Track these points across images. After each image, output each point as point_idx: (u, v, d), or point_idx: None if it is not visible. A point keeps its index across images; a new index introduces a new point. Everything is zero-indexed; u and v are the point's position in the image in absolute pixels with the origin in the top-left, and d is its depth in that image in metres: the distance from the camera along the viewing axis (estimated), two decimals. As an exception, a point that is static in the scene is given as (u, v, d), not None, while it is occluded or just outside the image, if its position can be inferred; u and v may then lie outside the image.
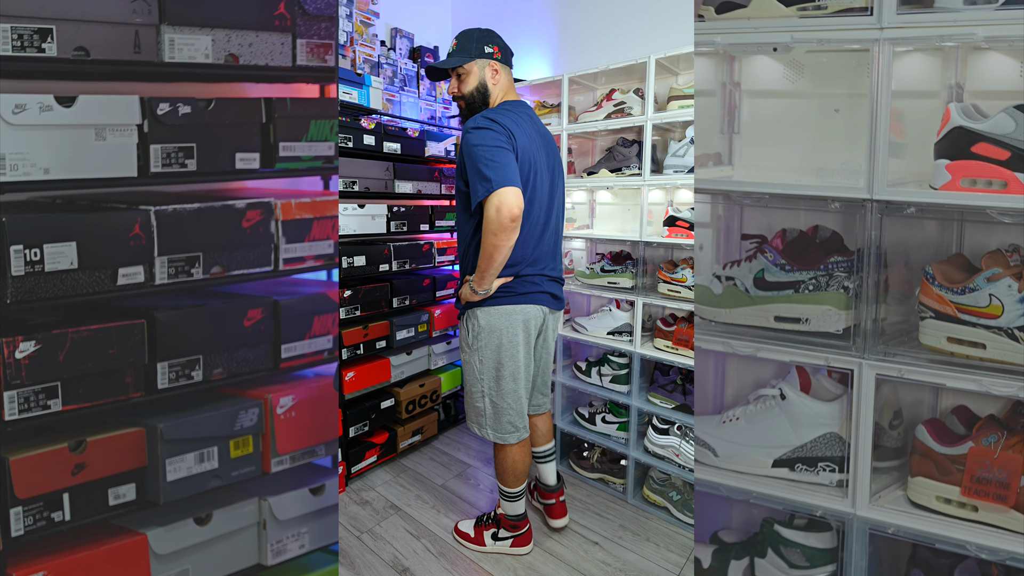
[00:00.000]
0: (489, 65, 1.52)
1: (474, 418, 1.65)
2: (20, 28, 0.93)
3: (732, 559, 1.24)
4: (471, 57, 1.50)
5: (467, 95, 1.54)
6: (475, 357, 1.57)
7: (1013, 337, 0.95)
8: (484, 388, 1.59)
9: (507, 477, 1.66)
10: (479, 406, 1.62)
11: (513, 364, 1.55)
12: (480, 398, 1.61)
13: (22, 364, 0.94)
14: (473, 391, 1.62)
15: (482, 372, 1.57)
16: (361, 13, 2.52)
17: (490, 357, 1.55)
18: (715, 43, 1.12)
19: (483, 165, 1.35)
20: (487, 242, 1.37)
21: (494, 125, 1.41)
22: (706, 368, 1.35)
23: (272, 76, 1.17)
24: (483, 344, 1.55)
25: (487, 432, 1.62)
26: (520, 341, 1.55)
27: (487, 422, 1.62)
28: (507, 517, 1.72)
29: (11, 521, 0.95)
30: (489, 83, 1.54)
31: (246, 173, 1.17)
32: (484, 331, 1.53)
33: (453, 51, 1.53)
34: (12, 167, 0.93)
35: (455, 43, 1.54)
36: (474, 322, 1.55)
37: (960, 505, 1.00)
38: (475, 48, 1.50)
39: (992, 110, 0.95)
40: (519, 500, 1.70)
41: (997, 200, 0.91)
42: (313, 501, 1.26)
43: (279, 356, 1.22)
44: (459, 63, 1.50)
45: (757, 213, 1.25)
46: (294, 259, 1.22)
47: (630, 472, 2.02)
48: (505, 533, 1.72)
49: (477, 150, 1.37)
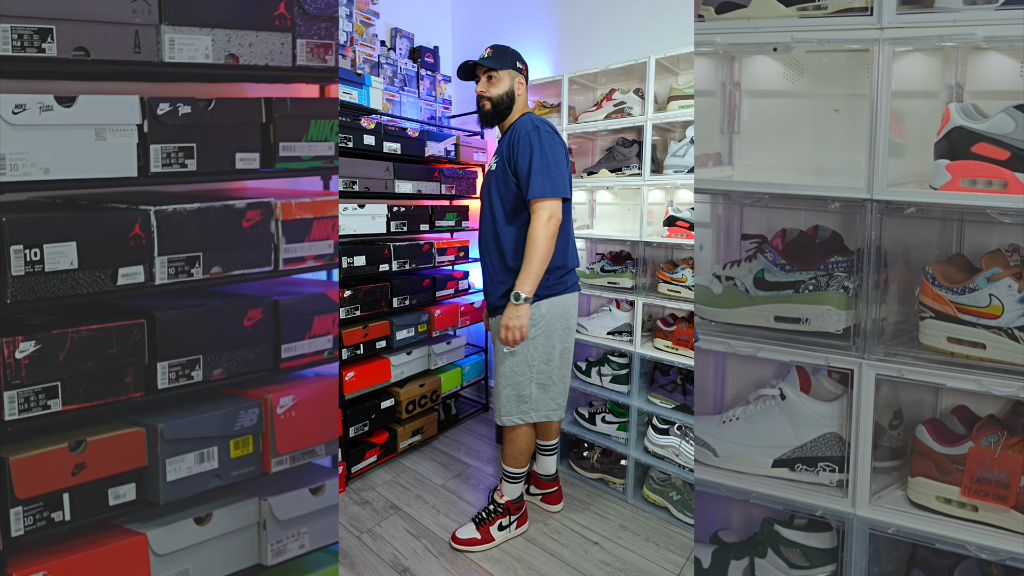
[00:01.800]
0: (517, 78, 1.69)
1: (515, 408, 1.70)
2: (20, 28, 0.93)
3: (732, 559, 1.24)
4: (506, 66, 1.67)
5: (495, 98, 1.66)
6: (530, 346, 1.65)
7: (1013, 337, 0.95)
8: (533, 374, 1.67)
9: (521, 458, 1.75)
10: (525, 393, 1.68)
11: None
12: (527, 385, 1.68)
13: (22, 364, 0.94)
14: (519, 380, 1.67)
15: (534, 359, 1.66)
16: (361, 13, 2.52)
17: (546, 343, 1.66)
18: (715, 43, 1.12)
19: (554, 167, 1.54)
20: (542, 246, 1.51)
21: (559, 138, 1.62)
22: (706, 368, 1.35)
23: (272, 76, 1.17)
24: (542, 331, 1.65)
25: (530, 416, 1.70)
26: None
27: (532, 407, 1.70)
28: (512, 501, 1.79)
29: (11, 521, 0.95)
30: (516, 92, 1.69)
31: (246, 173, 1.17)
32: (546, 319, 1.65)
33: (489, 56, 1.66)
34: (12, 167, 0.93)
35: (490, 51, 1.68)
36: (536, 312, 1.64)
37: (960, 505, 1.00)
38: (509, 60, 1.67)
39: (992, 110, 0.95)
40: (522, 480, 1.80)
41: (997, 200, 0.91)
42: (313, 501, 1.26)
43: (279, 356, 1.22)
44: (498, 67, 1.65)
45: (757, 213, 1.25)
46: (294, 259, 1.22)
47: (630, 472, 2.02)
48: (510, 519, 1.78)
49: (549, 151, 1.55)
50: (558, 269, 1.66)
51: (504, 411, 1.70)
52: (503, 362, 1.68)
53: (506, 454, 1.76)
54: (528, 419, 1.70)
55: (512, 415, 1.70)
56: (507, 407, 1.70)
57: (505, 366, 1.68)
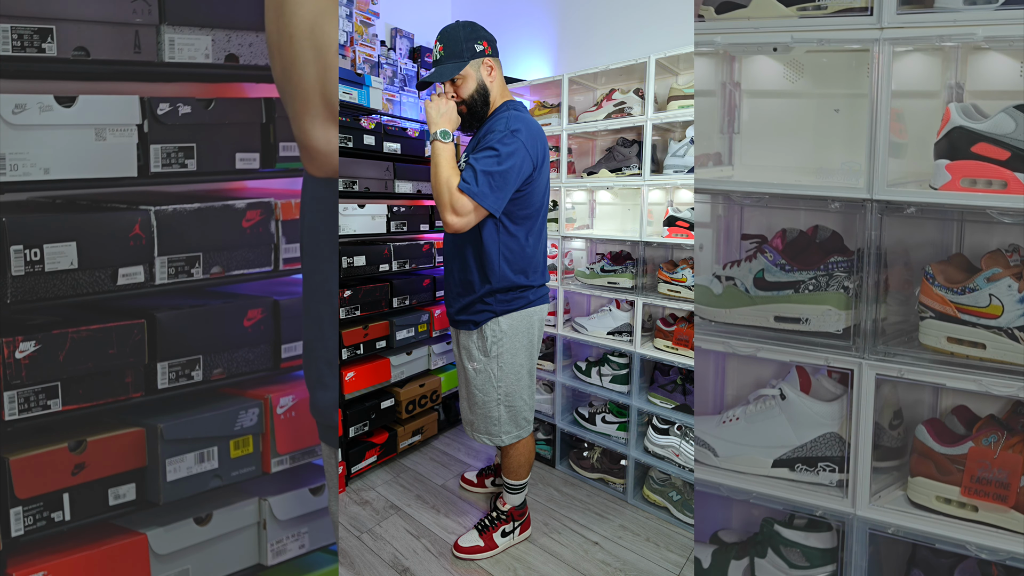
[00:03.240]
0: (483, 63, 1.46)
1: (485, 429, 1.62)
2: (20, 28, 0.93)
3: (732, 559, 1.24)
4: (464, 60, 1.43)
5: (468, 99, 1.47)
6: (493, 365, 1.55)
7: (1013, 337, 0.94)
8: (500, 395, 1.57)
9: (521, 471, 1.70)
10: (493, 415, 1.59)
11: (532, 362, 1.64)
12: (495, 406, 1.59)
13: (22, 364, 0.94)
14: (486, 400, 1.58)
15: (500, 379, 1.56)
16: (361, 13, 2.52)
17: (510, 361, 1.56)
18: (715, 43, 1.12)
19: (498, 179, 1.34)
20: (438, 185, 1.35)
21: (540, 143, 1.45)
22: (706, 368, 1.35)
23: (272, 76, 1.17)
24: (504, 349, 1.54)
25: (501, 439, 1.62)
26: (536, 341, 1.63)
27: (502, 428, 1.61)
28: (516, 508, 1.76)
29: (11, 521, 0.95)
30: (487, 82, 1.48)
31: (246, 173, 1.17)
32: (507, 336, 1.54)
33: (441, 57, 1.45)
34: (12, 167, 0.93)
35: (440, 47, 1.45)
36: (495, 328, 1.53)
37: (960, 505, 1.00)
38: (466, 49, 1.42)
39: (992, 110, 0.95)
40: (524, 489, 1.75)
41: (997, 200, 0.91)
42: (313, 501, 1.26)
43: (279, 356, 1.22)
44: (455, 71, 1.42)
45: (757, 213, 1.25)
46: (294, 259, 1.22)
47: (630, 472, 2.02)
48: (513, 525, 1.75)
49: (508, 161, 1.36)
50: (517, 288, 1.52)
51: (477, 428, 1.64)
52: (470, 378, 1.59)
53: (505, 467, 1.71)
54: (498, 442, 1.62)
55: (481, 434, 1.64)
56: (476, 425, 1.64)
57: (473, 384, 1.58)
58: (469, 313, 1.54)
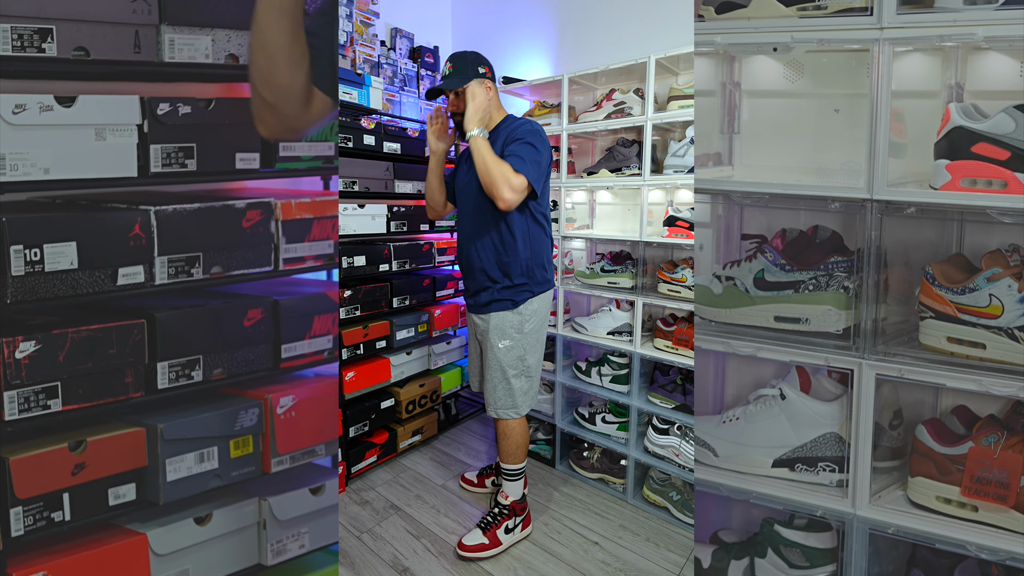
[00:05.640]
0: (483, 84, 1.68)
1: (509, 402, 1.73)
2: (20, 28, 0.93)
3: (732, 559, 1.24)
4: (468, 78, 1.67)
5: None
6: (526, 341, 1.71)
7: (1013, 337, 0.94)
8: (524, 367, 1.73)
9: (519, 453, 1.77)
10: (519, 386, 1.73)
11: (545, 338, 1.82)
12: (520, 378, 1.73)
13: (22, 364, 0.94)
14: (510, 374, 1.71)
15: (529, 354, 1.73)
16: (361, 13, 2.52)
17: (536, 337, 1.75)
18: (715, 43, 1.11)
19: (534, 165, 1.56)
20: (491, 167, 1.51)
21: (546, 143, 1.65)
22: (706, 368, 1.35)
23: (272, 76, 1.16)
24: (535, 327, 1.73)
25: (521, 410, 1.75)
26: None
27: (521, 400, 1.74)
28: (517, 501, 1.79)
29: (11, 521, 0.95)
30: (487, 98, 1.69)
31: (246, 173, 1.17)
32: (538, 314, 1.73)
33: (450, 73, 1.70)
34: (12, 167, 0.93)
35: (450, 66, 1.70)
36: (530, 307, 1.70)
37: (960, 505, 1.00)
38: (471, 70, 1.68)
39: (992, 110, 0.95)
40: (523, 476, 1.81)
41: (997, 200, 0.91)
42: (313, 501, 1.26)
43: (279, 356, 1.22)
44: (460, 84, 1.67)
45: (757, 213, 1.25)
46: (294, 259, 1.22)
47: (630, 472, 2.02)
48: (515, 520, 1.78)
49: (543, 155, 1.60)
50: (545, 271, 1.75)
51: (503, 404, 1.73)
52: (499, 357, 1.71)
53: (503, 450, 1.77)
54: (518, 413, 1.74)
55: (504, 409, 1.73)
56: (498, 401, 1.73)
57: (503, 361, 1.71)
58: (511, 293, 1.70)
